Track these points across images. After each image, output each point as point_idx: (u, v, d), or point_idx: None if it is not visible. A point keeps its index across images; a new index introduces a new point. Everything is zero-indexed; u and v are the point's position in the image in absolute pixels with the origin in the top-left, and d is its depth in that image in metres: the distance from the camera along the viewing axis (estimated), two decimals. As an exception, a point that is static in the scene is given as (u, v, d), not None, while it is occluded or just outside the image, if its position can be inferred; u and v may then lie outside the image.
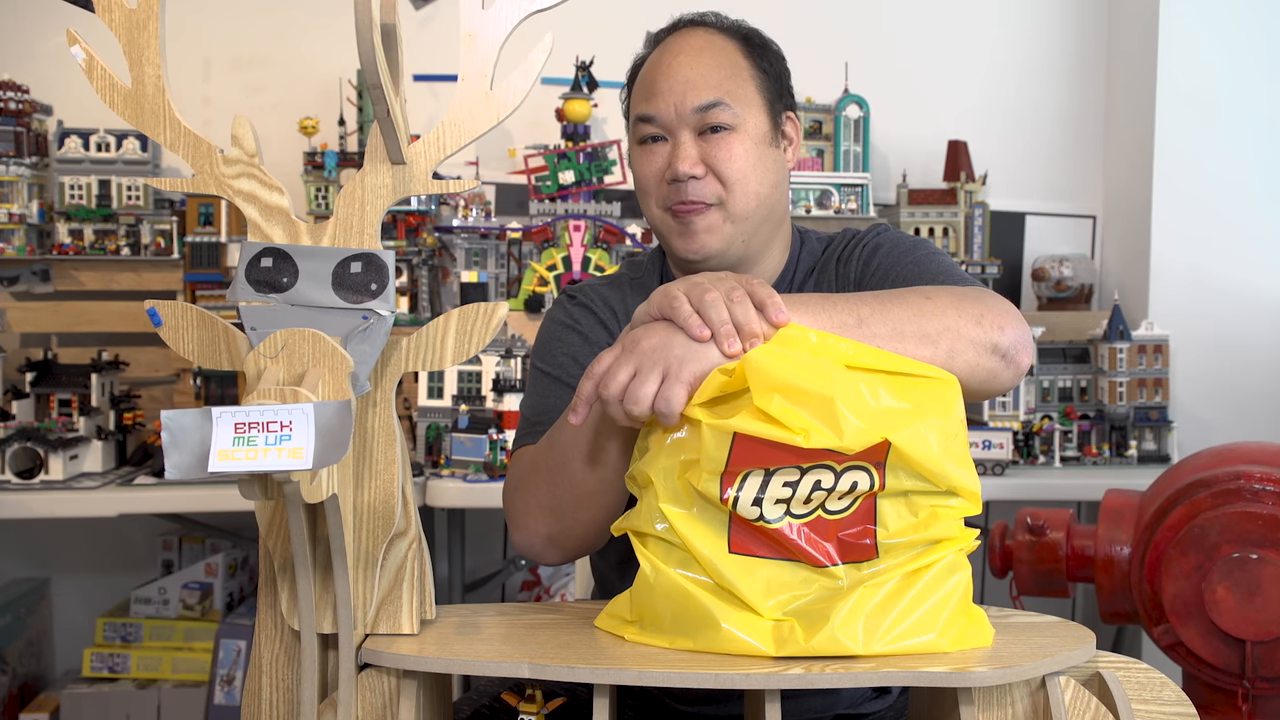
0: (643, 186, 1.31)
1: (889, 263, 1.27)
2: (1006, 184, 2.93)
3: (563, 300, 1.41)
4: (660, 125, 1.28)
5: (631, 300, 1.37)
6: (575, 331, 1.36)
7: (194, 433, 0.79)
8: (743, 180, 1.26)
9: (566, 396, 1.27)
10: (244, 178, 0.95)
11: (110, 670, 2.48)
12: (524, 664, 0.94)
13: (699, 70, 1.27)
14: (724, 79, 1.27)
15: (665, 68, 1.28)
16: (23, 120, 2.56)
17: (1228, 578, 1.61)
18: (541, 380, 1.34)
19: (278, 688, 1.00)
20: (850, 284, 1.31)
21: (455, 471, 2.26)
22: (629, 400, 0.95)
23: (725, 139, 1.26)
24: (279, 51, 2.84)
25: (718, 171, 1.26)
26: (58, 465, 2.22)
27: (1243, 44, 2.66)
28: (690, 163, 1.25)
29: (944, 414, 0.95)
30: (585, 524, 1.15)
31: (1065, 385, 2.60)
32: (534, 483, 1.18)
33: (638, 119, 1.30)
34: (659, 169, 1.28)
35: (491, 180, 2.80)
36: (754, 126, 1.28)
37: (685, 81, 1.26)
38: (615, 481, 1.11)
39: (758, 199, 1.27)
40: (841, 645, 0.92)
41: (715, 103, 1.25)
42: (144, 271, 2.63)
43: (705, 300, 0.97)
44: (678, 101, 1.26)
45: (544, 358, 1.36)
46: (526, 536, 1.19)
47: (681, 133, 1.26)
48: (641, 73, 1.33)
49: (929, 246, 1.30)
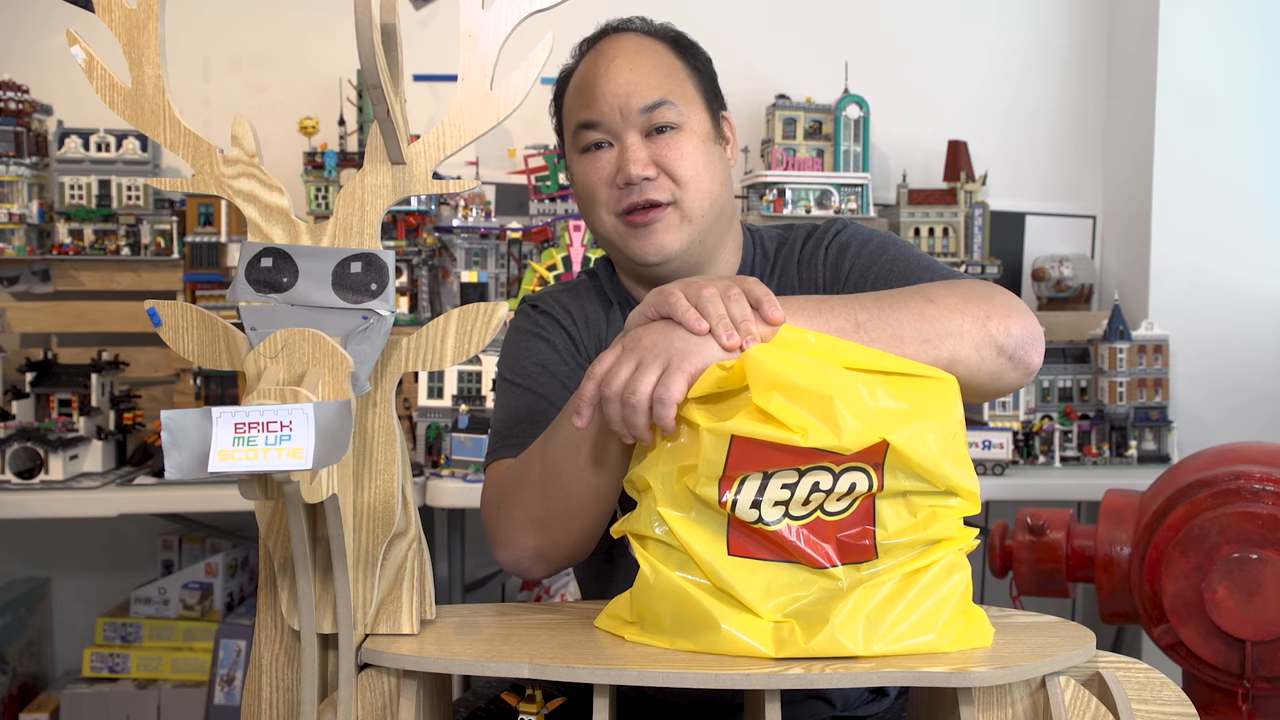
0: (589, 195, 1.27)
1: (863, 263, 1.26)
2: (1006, 184, 2.93)
3: (525, 309, 1.38)
4: (604, 130, 1.25)
5: (591, 307, 1.35)
6: (542, 339, 1.33)
7: (194, 433, 0.79)
8: (696, 178, 1.24)
9: (538, 406, 1.26)
10: (244, 178, 0.95)
11: (110, 670, 2.48)
12: (524, 664, 0.94)
13: (638, 72, 1.25)
14: (664, 79, 1.25)
15: (602, 72, 1.25)
16: (23, 120, 2.56)
17: (1228, 578, 1.61)
18: (512, 392, 1.32)
19: (278, 688, 1.00)
20: (819, 286, 1.29)
21: (455, 471, 2.26)
22: (628, 392, 0.95)
23: (674, 138, 1.24)
24: (279, 51, 2.84)
25: (670, 171, 1.24)
26: (58, 465, 2.22)
27: (1243, 43, 2.66)
28: (642, 165, 1.23)
29: (943, 414, 0.95)
30: (577, 534, 1.14)
31: (1065, 385, 2.60)
32: (520, 496, 1.15)
33: (579, 126, 1.27)
34: (607, 174, 1.25)
35: (491, 180, 2.81)
36: (698, 124, 1.27)
37: (626, 83, 1.24)
38: (610, 491, 1.10)
39: (710, 196, 1.26)
40: (841, 646, 0.91)
41: (660, 101, 1.24)
42: (144, 271, 2.63)
43: (703, 296, 0.98)
44: (621, 104, 1.23)
45: (512, 369, 1.33)
46: (513, 552, 1.16)
47: (628, 135, 1.24)
48: (574, 81, 1.29)
49: (894, 240, 1.28)
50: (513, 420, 1.28)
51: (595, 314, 1.36)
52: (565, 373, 1.30)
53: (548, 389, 1.28)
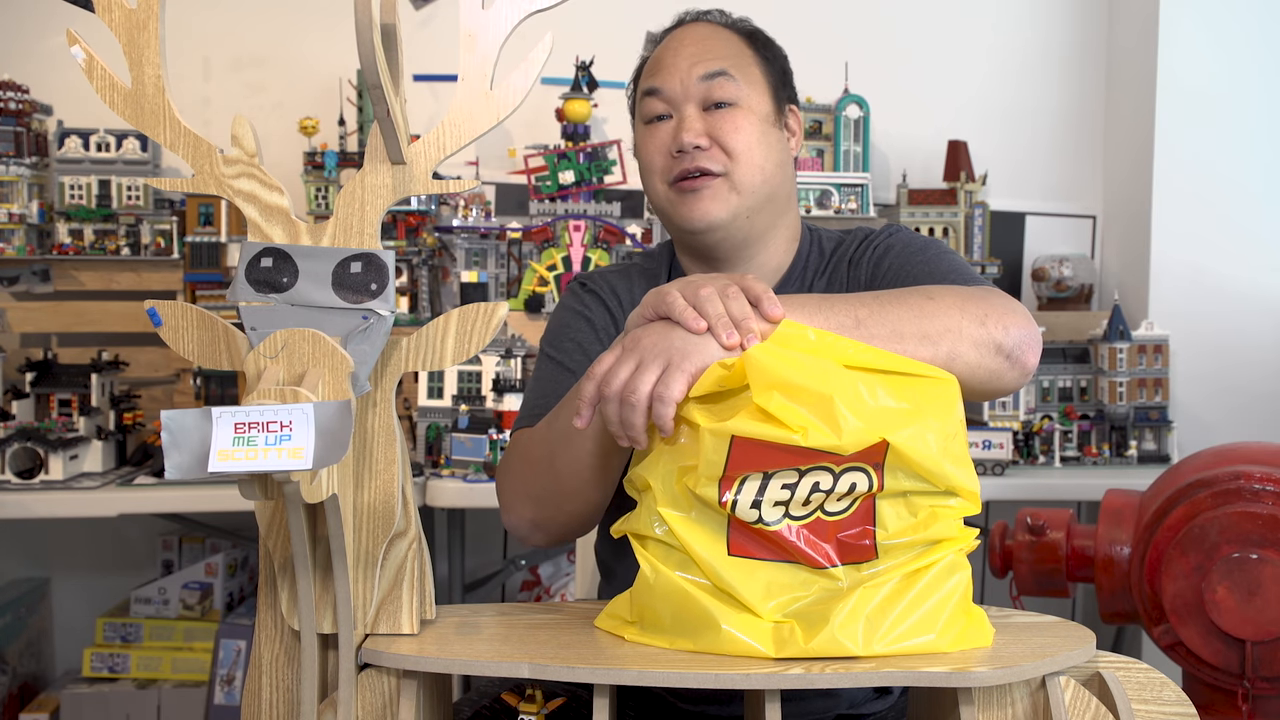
0: (647, 164, 1.33)
1: (899, 263, 1.28)
2: (1006, 184, 2.93)
3: (574, 287, 1.43)
4: (665, 99, 1.30)
5: (639, 290, 1.38)
6: (584, 318, 1.37)
7: (194, 433, 0.79)
8: (747, 152, 1.28)
9: (568, 383, 1.29)
10: (244, 178, 0.95)
11: (110, 670, 2.48)
12: (524, 664, 0.94)
13: (706, 46, 1.31)
14: (730, 54, 1.31)
15: (672, 50, 1.32)
16: (23, 120, 2.56)
17: (1228, 578, 1.61)
18: (547, 365, 1.36)
19: (278, 688, 1.00)
20: (860, 286, 1.31)
21: (455, 471, 2.26)
22: (627, 391, 0.95)
23: (730, 113, 1.29)
24: (279, 51, 2.84)
25: (723, 143, 1.28)
26: (58, 465, 2.22)
27: (1243, 43, 2.66)
28: (695, 134, 1.27)
29: (943, 414, 0.95)
30: (570, 514, 1.18)
31: (1065, 385, 2.60)
32: (524, 469, 1.21)
33: (643, 93, 1.33)
34: (665, 144, 1.31)
35: (491, 180, 2.80)
36: (758, 104, 1.31)
37: (691, 55, 1.30)
38: (602, 481, 1.12)
39: (762, 173, 1.29)
40: (841, 646, 0.91)
41: (720, 72, 1.29)
42: (144, 271, 2.63)
43: (700, 295, 0.98)
44: (683, 74, 1.29)
45: (552, 342, 1.37)
46: (513, 518, 1.23)
47: (687, 107, 1.29)
48: (647, 64, 1.36)
49: (940, 246, 1.30)
50: (541, 393, 1.32)
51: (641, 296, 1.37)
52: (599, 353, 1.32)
53: (579, 366, 1.31)
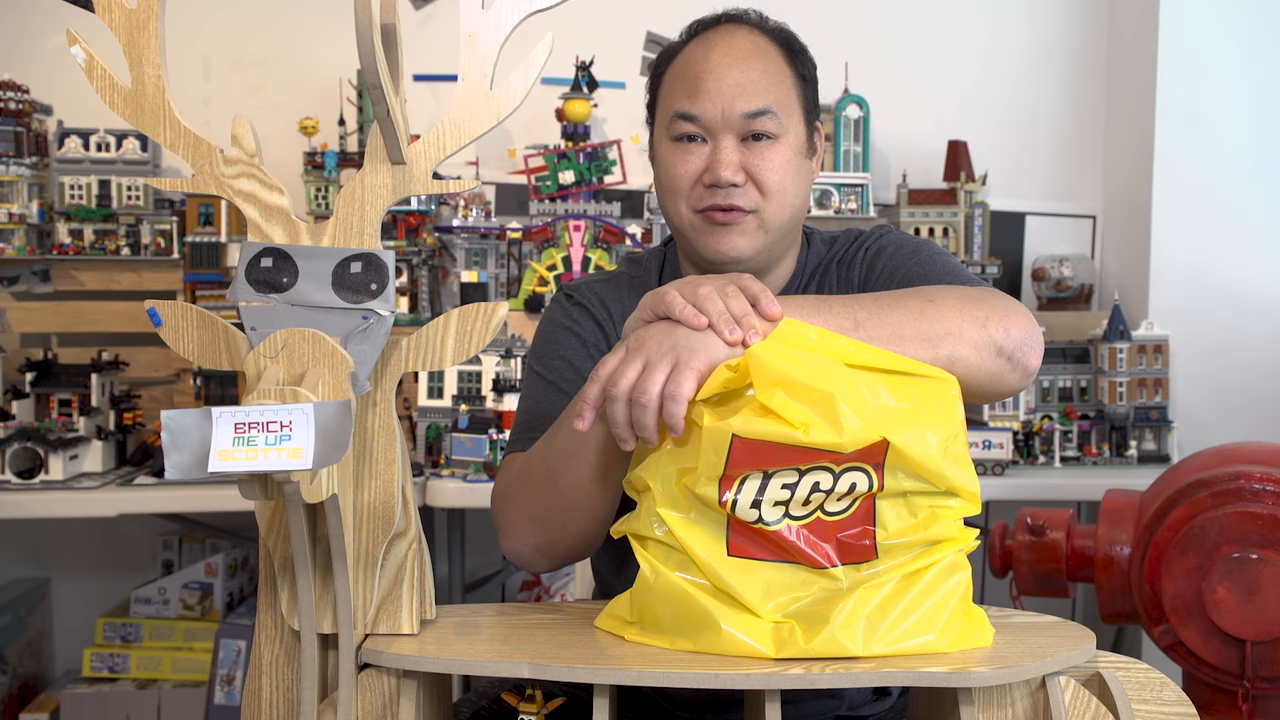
0: (672, 185, 1.26)
1: (893, 265, 1.26)
2: (1006, 184, 2.92)
3: (560, 299, 1.38)
4: (703, 126, 1.24)
5: (629, 300, 1.35)
6: (573, 334, 1.33)
7: (194, 433, 0.79)
8: (781, 191, 1.24)
9: (560, 403, 1.26)
10: (244, 178, 0.95)
11: (110, 670, 2.48)
12: (524, 664, 0.94)
13: (750, 75, 1.23)
14: (772, 85, 1.24)
15: (713, 67, 1.23)
16: (23, 120, 2.56)
17: (1228, 578, 1.61)
18: (536, 384, 1.32)
19: (278, 688, 1.00)
20: (854, 287, 1.30)
21: (455, 471, 2.26)
22: (638, 391, 0.94)
23: (768, 148, 1.23)
24: (279, 52, 2.84)
25: (758, 180, 1.23)
26: (58, 465, 2.22)
27: (1243, 42, 2.66)
28: (733, 169, 1.22)
29: (943, 414, 0.95)
30: (574, 535, 1.14)
31: (1065, 385, 2.60)
32: (524, 493, 1.16)
33: (677, 115, 1.25)
34: (695, 170, 1.24)
35: (491, 180, 2.80)
36: (794, 137, 1.26)
37: (735, 85, 1.22)
38: (606, 496, 1.10)
39: (791, 210, 1.26)
40: (841, 647, 0.91)
41: (764, 110, 1.23)
42: (144, 271, 2.63)
43: (700, 294, 0.98)
44: (725, 105, 1.22)
45: (540, 360, 1.33)
46: (515, 545, 1.18)
47: (724, 137, 1.23)
48: (679, 65, 1.28)
49: (933, 248, 1.29)
50: (533, 413, 1.29)
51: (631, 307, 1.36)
52: (590, 369, 1.30)
53: (571, 385, 1.28)
